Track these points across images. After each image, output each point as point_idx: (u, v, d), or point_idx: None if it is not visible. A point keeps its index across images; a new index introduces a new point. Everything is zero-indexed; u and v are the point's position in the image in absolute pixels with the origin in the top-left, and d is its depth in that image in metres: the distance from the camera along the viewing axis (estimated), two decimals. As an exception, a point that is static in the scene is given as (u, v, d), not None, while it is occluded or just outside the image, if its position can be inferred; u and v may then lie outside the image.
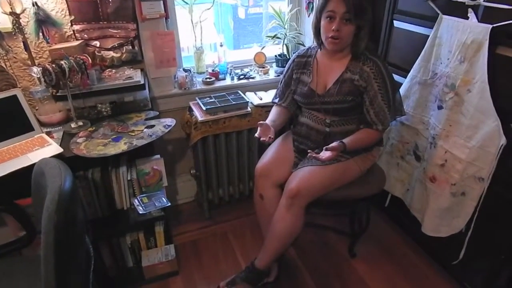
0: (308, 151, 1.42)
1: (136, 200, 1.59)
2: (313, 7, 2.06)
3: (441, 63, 1.48)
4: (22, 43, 1.53)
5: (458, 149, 1.43)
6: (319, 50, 1.57)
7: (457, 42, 1.37)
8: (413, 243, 1.90)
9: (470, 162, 1.38)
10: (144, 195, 1.62)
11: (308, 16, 2.13)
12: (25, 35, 1.52)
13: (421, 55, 1.56)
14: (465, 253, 1.51)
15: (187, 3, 1.88)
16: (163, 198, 1.61)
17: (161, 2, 1.72)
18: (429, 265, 1.78)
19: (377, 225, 2.03)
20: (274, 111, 1.68)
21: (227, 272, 1.76)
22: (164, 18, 1.77)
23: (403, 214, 1.81)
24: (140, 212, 1.55)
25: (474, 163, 1.37)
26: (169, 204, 1.60)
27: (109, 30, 1.72)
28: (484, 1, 1.26)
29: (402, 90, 1.66)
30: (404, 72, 1.68)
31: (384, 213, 2.08)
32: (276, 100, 1.70)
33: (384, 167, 1.80)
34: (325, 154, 1.37)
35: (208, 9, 1.92)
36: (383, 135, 1.56)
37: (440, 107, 1.50)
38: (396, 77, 1.66)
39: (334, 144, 1.40)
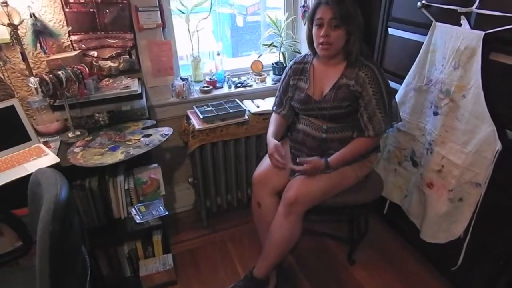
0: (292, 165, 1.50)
1: (133, 209, 1.59)
2: (308, 15, 2.08)
3: (436, 69, 1.49)
4: (20, 54, 1.54)
5: (454, 155, 1.43)
6: (314, 57, 1.58)
7: (451, 49, 1.39)
8: (412, 249, 1.89)
9: (467, 167, 1.38)
10: (142, 204, 1.62)
11: (304, 24, 2.15)
12: (23, 46, 1.54)
13: (416, 61, 1.57)
14: (464, 259, 1.50)
15: (183, 12, 1.90)
16: (160, 207, 1.61)
17: (158, 12, 1.74)
18: (428, 272, 1.77)
19: (376, 232, 2.02)
20: (274, 122, 1.68)
21: (225, 281, 1.75)
22: (161, 27, 1.79)
23: (402, 220, 1.81)
24: (138, 221, 1.54)
25: (470, 169, 1.37)
26: (167, 213, 1.60)
27: (107, 40, 1.73)
28: (476, 8, 1.28)
29: (397, 97, 1.67)
30: (400, 79, 1.69)
31: (383, 220, 2.08)
32: (275, 108, 1.71)
33: (381, 173, 1.80)
34: (301, 167, 1.46)
35: (205, 18, 1.94)
36: (377, 141, 1.55)
37: (435, 113, 1.51)
38: (392, 84, 1.67)
39: (314, 158, 1.46)
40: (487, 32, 1.24)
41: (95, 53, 1.73)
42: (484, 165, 1.32)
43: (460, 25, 1.35)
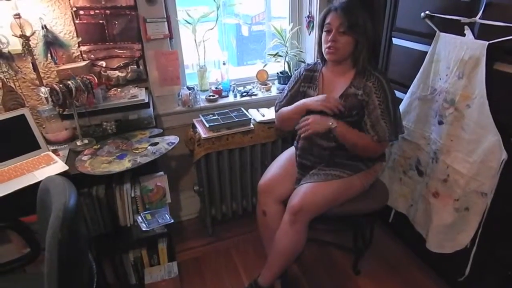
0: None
1: (139, 217, 1.60)
2: (313, 25, 2.11)
3: (440, 79, 1.50)
4: (31, 64, 1.58)
5: (459, 164, 1.43)
6: (323, 65, 1.60)
7: (454, 58, 1.40)
8: (418, 259, 1.88)
9: (472, 177, 1.38)
10: (148, 212, 1.63)
11: (309, 35, 2.18)
12: (34, 56, 1.58)
13: (420, 71, 1.58)
14: (471, 269, 1.49)
15: (190, 23, 1.93)
16: (166, 215, 1.62)
17: (165, 23, 1.78)
18: (434, 282, 1.75)
19: (382, 241, 2.01)
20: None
21: (230, 289, 1.75)
22: (168, 38, 1.83)
23: (407, 229, 1.79)
24: (144, 229, 1.55)
25: (476, 178, 1.37)
26: (172, 221, 1.60)
27: (115, 50, 1.77)
28: (479, 18, 1.29)
29: (402, 106, 1.68)
30: (404, 88, 1.70)
31: (389, 229, 2.06)
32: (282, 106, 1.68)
33: (387, 183, 1.79)
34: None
35: (211, 29, 1.97)
36: (380, 149, 1.54)
37: (440, 122, 1.51)
38: (396, 93, 1.67)
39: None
40: (491, 42, 1.25)
41: (103, 63, 1.77)
42: (490, 175, 1.32)
43: (464, 35, 1.36)
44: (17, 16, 1.48)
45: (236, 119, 1.88)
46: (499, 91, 1.28)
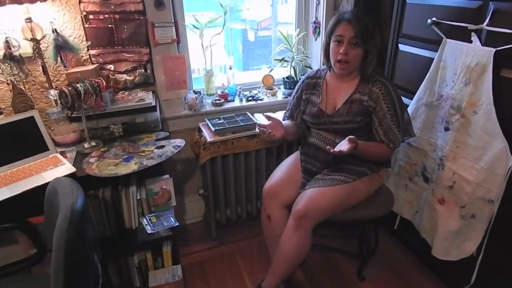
0: (327, 147, 1.37)
1: (144, 220, 1.61)
2: (319, 31, 2.11)
3: (447, 85, 1.49)
4: (41, 67, 1.61)
5: (466, 171, 1.42)
6: (328, 71, 1.60)
7: (461, 65, 1.40)
8: (423, 266, 1.86)
9: (479, 184, 1.37)
10: (153, 214, 1.63)
11: (315, 40, 2.19)
12: (44, 59, 1.60)
13: (426, 77, 1.58)
14: (477, 277, 1.47)
15: (197, 28, 1.95)
16: (171, 218, 1.62)
17: (173, 27, 1.80)
18: (440, 290, 1.74)
19: (386, 248, 2.00)
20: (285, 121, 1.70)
21: (234, 294, 1.74)
22: (175, 42, 1.85)
23: (413, 236, 1.78)
24: (148, 232, 1.56)
25: (482, 185, 1.36)
26: (177, 224, 1.61)
27: (123, 54, 1.79)
28: (486, 25, 1.29)
29: (408, 112, 1.68)
30: (410, 94, 1.70)
31: (394, 235, 2.05)
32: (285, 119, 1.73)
33: (392, 189, 1.78)
34: (341, 147, 1.33)
35: (218, 33, 1.99)
36: (392, 154, 1.55)
37: (447, 129, 1.51)
38: (403, 99, 1.67)
39: (347, 138, 1.35)
40: (498, 49, 1.25)
41: (112, 67, 1.79)
42: (497, 182, 1.31)
43: (470, 41, 1.36)
44: (29, 20, 1.50)
45: (242, 124, 1.89)
46: (506, 97, 1.28)
